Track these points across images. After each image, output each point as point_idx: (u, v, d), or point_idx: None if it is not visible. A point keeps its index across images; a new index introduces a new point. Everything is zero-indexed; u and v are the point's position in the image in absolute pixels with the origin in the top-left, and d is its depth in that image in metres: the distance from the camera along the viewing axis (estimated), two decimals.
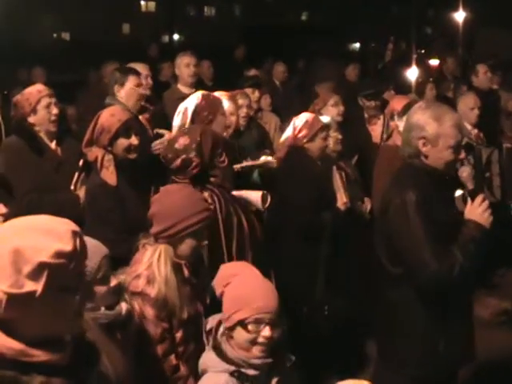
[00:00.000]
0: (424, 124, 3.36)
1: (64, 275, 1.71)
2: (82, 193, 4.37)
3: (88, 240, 2.58)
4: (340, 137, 5.20)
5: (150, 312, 2.97)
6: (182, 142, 3.98)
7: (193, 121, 4.54)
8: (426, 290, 3.34)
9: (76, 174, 4.42)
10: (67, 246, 1.70)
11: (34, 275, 1.66)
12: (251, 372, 2.58)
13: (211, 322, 2.73)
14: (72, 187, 4.42)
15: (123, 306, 2.73)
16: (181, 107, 4.53)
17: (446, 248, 3.28)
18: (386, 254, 3.48)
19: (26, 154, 4.44)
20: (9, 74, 6.07)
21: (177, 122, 4.52)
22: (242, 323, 2.57)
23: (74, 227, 1.77)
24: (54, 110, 4.51)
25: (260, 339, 2.57)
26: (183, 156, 3.87)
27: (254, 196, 4.43)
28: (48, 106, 4.50)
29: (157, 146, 4.74)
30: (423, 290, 3.35)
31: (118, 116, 4.11)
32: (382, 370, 3.66)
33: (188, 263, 3.14)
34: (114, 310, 2.68)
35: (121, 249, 3.04)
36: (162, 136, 4.83)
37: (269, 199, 4.43)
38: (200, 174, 3.87)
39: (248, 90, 5.99)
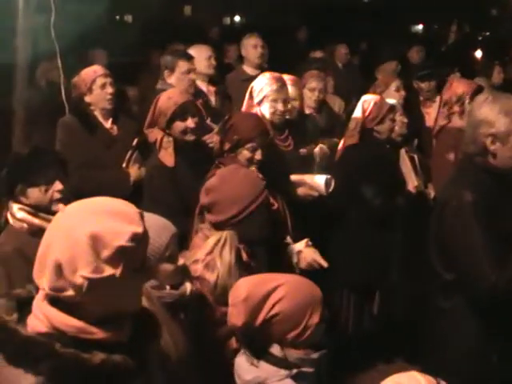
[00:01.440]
0: (493, 120, 3.11)
1: (136, 257, 1.75)
2: (133, 171, 4.44)
3: (157, 218, 2.59)
4: (406, 120, 5.12)
5: (208, 296, 2.96)
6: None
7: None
8: (480, 300, 3.13)
9: (129, 152, 4.51)
10: (139, 229, 1.74)
11: (113, 259, 1.69)
12: (311, 370, 2.51)
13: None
14: (124, 165, 4.53)
15: (188, 287, 2.70)
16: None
17: (506, 256, 3.06)
18: (438, 257, 3.29)
19: (78, 131, 4.64)
20: (73, 58, 6.13)
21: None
22: (313, 329, 2.49)
23: (136, 209, 1.81)
24: (109, 90, 4.66)
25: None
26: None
27: (317, 181, 4.37)
28: (103, 86, 4.66)
29: (209, 139, 4.73)
30: (478, 300, 3.14)
31: (174, 99, 4.16)
32: None
33: (246, 246, 3.11)
34: (178, 289, 2.66)
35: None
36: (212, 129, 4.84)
37: (333, 184, 4.37)
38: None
39: (313, 73, 5.93)
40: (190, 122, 4.13)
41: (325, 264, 3.75)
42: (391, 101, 5.14)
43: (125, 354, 1.75)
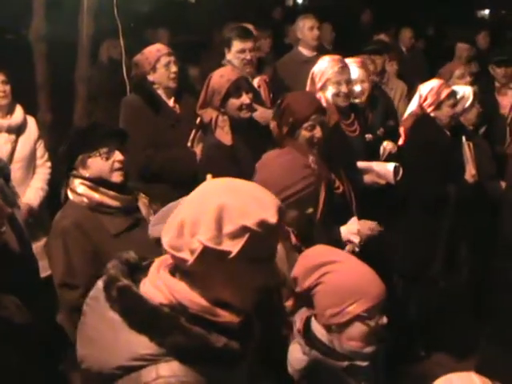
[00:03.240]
0: None
1: (260, 246, 1.68)
2: (198, 150, 4.40)
3: None
4: (481, 110, 4.97)
5: None
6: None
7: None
8: None
9: (193, 132, 4.45)
10: (272, 219, 1.67)
11: (234, 236, 1.64)
12: (364, 363, 2.43)
13: (299, 319, 2.54)
14: (189, 144, 4.46)
15: None
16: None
17: None
18: None
19: (143, 111, 4.55)
20: (135, 36, 6.17)
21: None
22: (361, 317, 2.38)
23: (279, 202, 1.74)
24: (173, 68, 4.60)
25: (378, 329, 2.41)
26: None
27: (385, 168, 4.29)
28: (167, 65, 4.58)
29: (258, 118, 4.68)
30: None
31: (226, 76, 4.11)
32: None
33: (296, 230, 2.98)
34: None
35: None
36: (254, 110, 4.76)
37: (401, 172, 4.28)
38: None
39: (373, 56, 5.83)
40: (245, 98, 4.08)
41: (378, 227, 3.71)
42: (466, 88, 5.02)
43: (239, 342, 1.71)
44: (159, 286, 1.70)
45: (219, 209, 1.64)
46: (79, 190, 3.24)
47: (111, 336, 1.67)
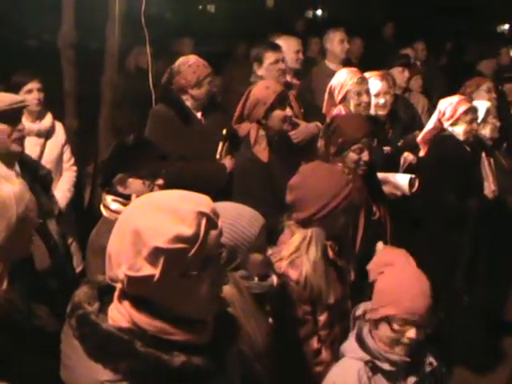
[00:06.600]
0: None
1: (183, 261, 1.64)
2: (227, 162, 4.42)
3: (248, 209, 2.60)
4: (498, 124, 4.99)
5: (291, 294, 2.92)
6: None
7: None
8: None
9: (221, 144, 4.46)
10: (188, 230, 1.62)
11: (151, 260, 1.62)
12: (386, 366, 2.55)
13: (361, 308, 2.69)
14: (217, 156, 4.46)
15: (274, 279, 2.68)
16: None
17: None
18: None
19: (174, 122, 4.46)
20: (161, 44, 6.22)
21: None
22: (388, 320, 2.51)
23: (203, 208, 1.67)
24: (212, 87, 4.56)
25: (404, 340, 2.51)
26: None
27: (401, 180, 4.32)
28: (210, 83, 4.55)
29: (294, 135, 4.71)
30: None
31: (272, 88, 4.13)
32: None
33: (332, 244, 3.06)
34: (266, 281, 2.63)
35: (269, 223, 3.01)
36: (297, 125, 4.79)
37: (416, 184, 4.31)
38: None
39: (398, 69, 5.86)
40: (288, 111, 4.12)
41: None
42: (486, 103, 5.04)
43: (204, 357, 1.70)
44: (121, 310, 1.71)
45: (133, 234, 1.62)
46: (113, 206, 3.15)
47: (77, 363, 1.69)
